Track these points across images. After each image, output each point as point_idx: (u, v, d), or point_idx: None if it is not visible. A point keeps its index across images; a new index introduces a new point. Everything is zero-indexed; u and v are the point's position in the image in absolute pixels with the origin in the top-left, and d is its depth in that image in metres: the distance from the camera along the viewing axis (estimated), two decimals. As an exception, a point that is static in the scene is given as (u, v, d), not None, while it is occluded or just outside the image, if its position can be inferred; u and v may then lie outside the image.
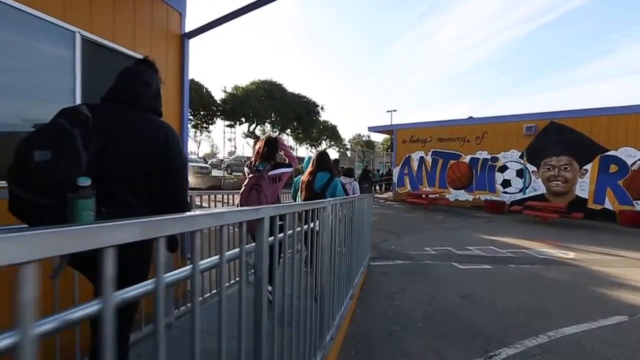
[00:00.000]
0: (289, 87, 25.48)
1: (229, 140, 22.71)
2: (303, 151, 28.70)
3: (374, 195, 15.01)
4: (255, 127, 21.94)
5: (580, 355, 2.41)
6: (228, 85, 29.72)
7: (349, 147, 34.33)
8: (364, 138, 40.06)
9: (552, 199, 10.57)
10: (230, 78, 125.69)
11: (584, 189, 10.13)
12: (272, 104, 20.59)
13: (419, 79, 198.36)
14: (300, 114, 22.04)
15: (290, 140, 24.55)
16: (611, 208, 9.62)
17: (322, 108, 23.87)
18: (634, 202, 9.24)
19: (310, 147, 27.22)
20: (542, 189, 10.94)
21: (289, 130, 23.52)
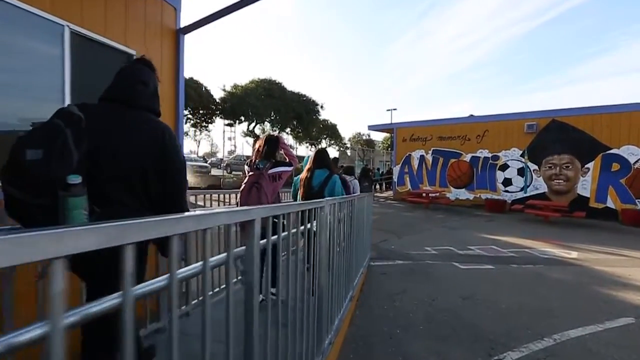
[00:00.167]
0: (289, 86, 25.28)
1: (228, 139, 22.71)
2: (303, 150, 28.67)
3: (374, 194, 14.93)
4: (254, 126, 21.86)
5: (586, 359, 2.34)
6: (227, 84, 29.55)
7: (349, 146, 34.25)
8: (364, 137, 39.95)
9: (554, 197, 10.49)
10: (230, 77, 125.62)
11: (585, 187, 10.05)
12: (272, 102, 20.51)
13: (419, 77, 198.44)
14: (300, 113, 21.94)
15: (290, 139, 24.45)
16: (613, 207, 9.55)
17: (321, 107, 23.78)
18: (637, 200, 9.16)
19: (310, 146, 27.12)
20: (543, 188, 10.86)
21: (288, 129, 23.42)
